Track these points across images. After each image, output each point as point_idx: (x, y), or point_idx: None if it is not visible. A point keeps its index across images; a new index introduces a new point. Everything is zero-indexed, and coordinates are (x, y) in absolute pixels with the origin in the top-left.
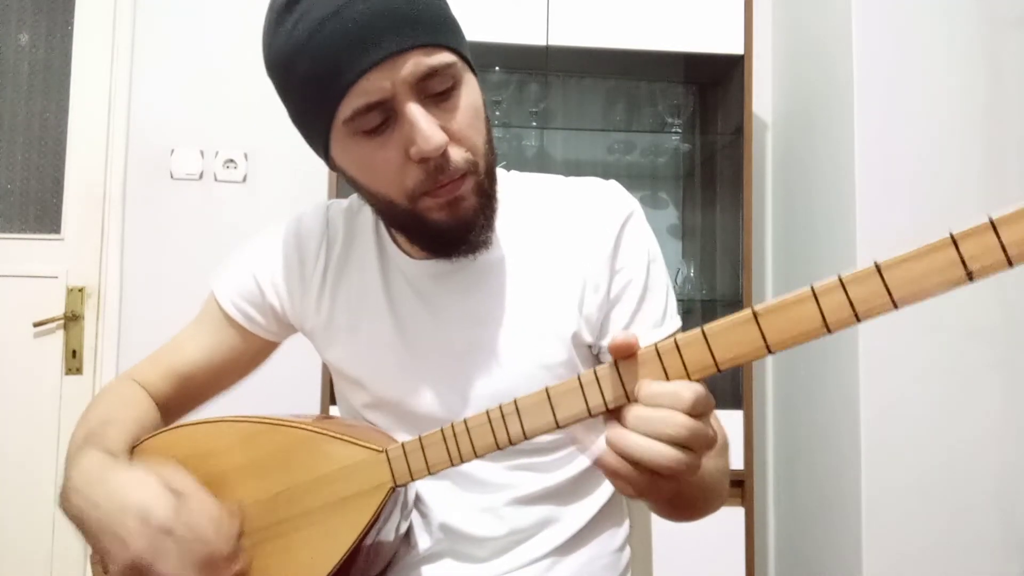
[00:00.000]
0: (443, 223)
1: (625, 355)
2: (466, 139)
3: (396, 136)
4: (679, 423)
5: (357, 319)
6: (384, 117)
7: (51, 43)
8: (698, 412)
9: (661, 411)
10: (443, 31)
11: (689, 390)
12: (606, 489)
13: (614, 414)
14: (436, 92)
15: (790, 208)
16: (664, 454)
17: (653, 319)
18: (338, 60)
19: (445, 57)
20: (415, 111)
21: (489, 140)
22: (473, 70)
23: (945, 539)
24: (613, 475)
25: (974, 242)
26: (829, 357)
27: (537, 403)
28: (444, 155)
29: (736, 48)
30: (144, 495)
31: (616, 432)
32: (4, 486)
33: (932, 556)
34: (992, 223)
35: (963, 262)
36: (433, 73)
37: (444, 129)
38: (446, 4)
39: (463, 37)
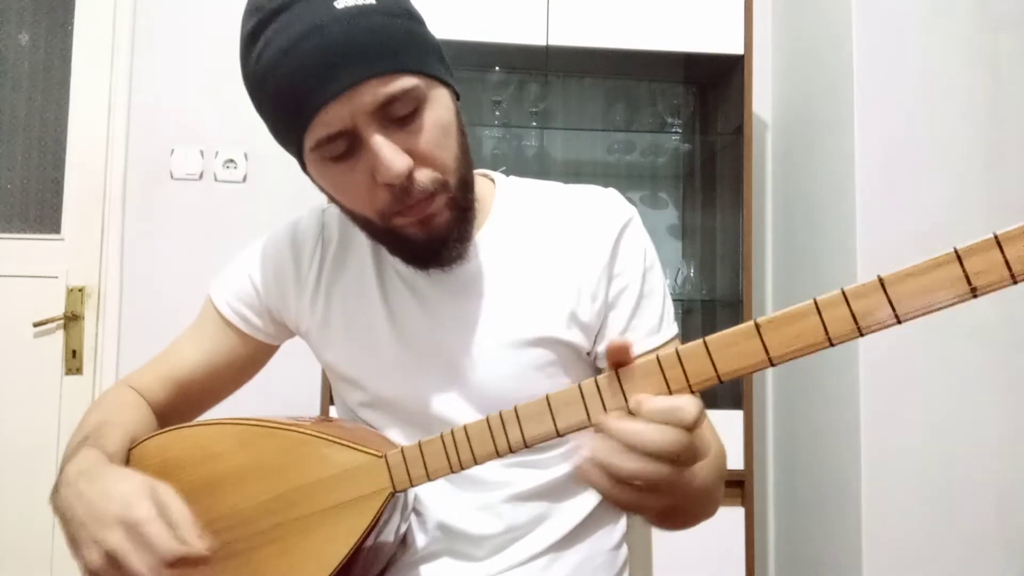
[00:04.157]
0: (418, 237)
1: (620, 360)
2: (433, 159)
3: (362, 162)
4: (674, 440)
5: (353, 318)
6: (348, 144)
7: (51, 43)
8: (697, 427)
9: (657, 427)
10: (402, 55)
11: (694, 406)
12: None
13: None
14: (399, 116)
15: (790, 208)
16: (656, 471)
17: (649, 326)
18: (297, 94)
19: (404, 82)
20: (376, 140)
21: (461, 154)
22: (444, 82)
23: (945, 539)
24: (599, 490)
25: (979, 258)
26: (829, 357)
27: (537, 411)
28: (410, 178)
29: (736, 48)
30: (128, 490)
31: (603, 446)
32: (4, 486)
33: (932, 556)
34: (997, 239)
35: (967, 278)
36: (392, 100)
37: (409, 151)
38: (409, 20)
39: (431, 51)
